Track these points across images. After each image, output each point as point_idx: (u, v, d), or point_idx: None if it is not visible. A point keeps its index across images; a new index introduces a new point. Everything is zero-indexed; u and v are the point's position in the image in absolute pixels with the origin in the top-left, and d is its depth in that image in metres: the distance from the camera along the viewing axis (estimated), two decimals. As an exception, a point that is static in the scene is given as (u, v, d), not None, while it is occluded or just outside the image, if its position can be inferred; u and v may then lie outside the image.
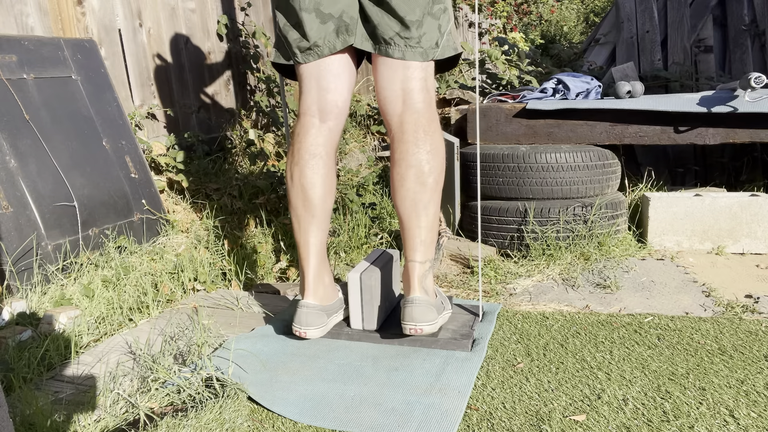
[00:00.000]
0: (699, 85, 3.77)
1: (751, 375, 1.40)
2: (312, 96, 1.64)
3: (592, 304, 1.91)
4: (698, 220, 2.38)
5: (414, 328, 1.52)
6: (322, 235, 1.68)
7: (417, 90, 1.59)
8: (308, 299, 1.64)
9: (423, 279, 1.58)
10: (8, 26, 2.29)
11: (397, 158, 1.59)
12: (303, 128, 1.65)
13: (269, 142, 3.28)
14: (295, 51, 1.60)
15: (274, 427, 1.26)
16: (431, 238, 1.61)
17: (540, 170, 2.36)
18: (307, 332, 1.61)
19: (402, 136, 1.59)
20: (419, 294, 1.55)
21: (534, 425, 1.23)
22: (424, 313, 1.53)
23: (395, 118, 1.60)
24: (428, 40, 1.56)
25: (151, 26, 2.93)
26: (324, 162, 1.64)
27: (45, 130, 2.13)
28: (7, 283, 1.87)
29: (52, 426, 1.20)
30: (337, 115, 1.65)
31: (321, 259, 1.68)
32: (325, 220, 1.67)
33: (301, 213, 1.65)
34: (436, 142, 1.59)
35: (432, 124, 1.60)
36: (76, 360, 1.54)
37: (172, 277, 2.09)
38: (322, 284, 1.68)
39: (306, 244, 1.66)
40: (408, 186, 1.58)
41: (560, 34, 9.00)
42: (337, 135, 1.68)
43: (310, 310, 1.62)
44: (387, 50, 1.56)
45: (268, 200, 2.79)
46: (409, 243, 1.60)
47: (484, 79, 3.78)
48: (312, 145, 1.63)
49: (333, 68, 1.61)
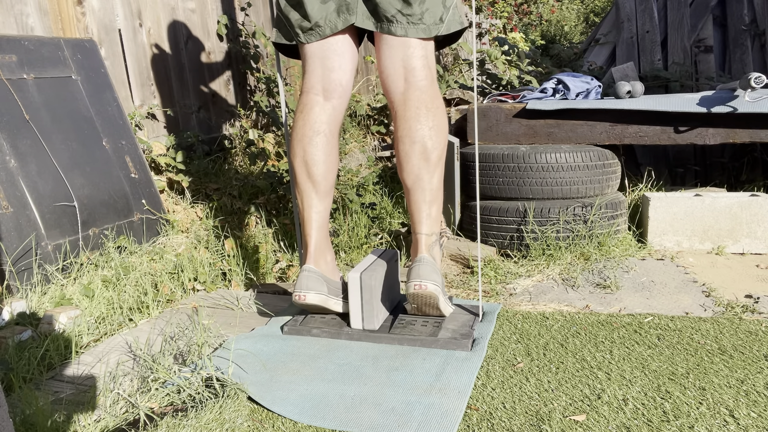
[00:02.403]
0: (699, 85, 3.77)
1: (751, 375, 1.40)
2: (316, 75, 1.64)
3: (592, 304, 1.91)
4: (698, 220, 2.38)
5: (419, 284, 1.53)
6: (325, 211, 1.70)
7: (419, 68, 1.59)
8: (310, 264, 1.65)
9: (430, 248, 1.60)
10: (8, 26, 2.29)
11: (401, 135, 1.61)
12: (306, 106, 1.66)
13: (269, 142, 3.28)
14: (297, 31, 1.61)
15: (274, 427, 1.26)
16: (436, 212, 1.64)
17: (540, 170, 2.36)
18: (306, 296, 1.61)
19: (405, 113, 1.60)
20: (426, 255, 1.57)
21: (534, 425, 1.23)
22: (429, 272, 1.54)
23: (398, 95, 1.61)
24: (431, 16, 1.56)
25: (151, 26, 2.93)
26: (327, 139, 1.65)
27: (45, 130, 2.13)
28: (7, 283, 1.87)
29: (52, 426, 1.20)
30: (341, 94, 1.66)
31: (323, 234, 1.70)
32: (328, 195, 1.70)
33: (303, 189, 1.68)
34: (438, 118, 1.61)
35: (435, 100, 1.61)
36: (76, 360, 1.54)
37: (172, 277, 2.09)
38: (324, 259, 1.70)
39: (309, 220, 1.68)
40: (413, 162, 1.60)
41: (560, 34, 9.00)
42: (341, 114, 1.69)
43: (311, 275, 1.63)
44: (389, 28, 1.56)
45: (268, 200, 2.79)
46: (416, 217, 1.63)
47: (484, 79, 3.78)
48: (316, 123, 1.64)
49: (337, 47, 1.62)
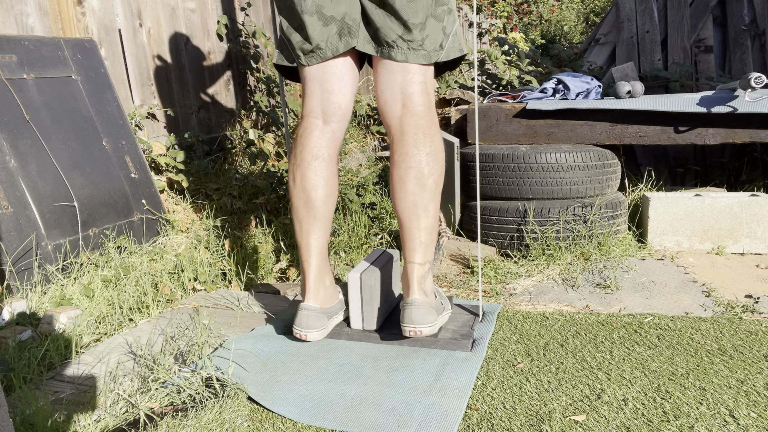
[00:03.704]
0: (699, 85, 3.77)
1: (751, 375, 1.40)
2: (315, 98, 1.63)
3: (592, 304, 1.91)
4: (698, 220, 2.38)
5: (413, 330, 1.52)
6: (324, 236, 1.67)
7: (417, 93, 1.58)
8: (309, 302, 1.63)
9: (422, 280, 1.58)
10: (8, 26, 2.29)
11: (397, 160, 1.59)
12: (306, 130, 1.64)
13: (269, 142, 3.28)
14: (298, 53, 1.60)
15: (274, 427, 1.26)
16: (431, 240, 1.61)
17: (540, 170, 2.36)
18: (307, 335, 1.61)
19: (402, 138, 1.58)
20: (418, 296, 1.55)
21: (534, 425, 1.23)
22: (423, 315, 1.52)
23: (395, 120, 1.60)
24: (431, 43, 1.56)
25: (151, 26, 2.93)
26: (326, 164, 1.63)
27: (45, 130, 2.13)
28: (7, 283, 1.87)
29: (52, 426, 1.20)
30: (340, 118, 1.65)
31: (322, 260, 1.68)
32: (327, 221, 1.67)
33: (302, 215, 1.65)
34: (435, 144, 1.59)
35: (432, 126, 1.60)
36: (76, 360, 1.54)
37: (172, 277, 2.09)
38: (323, 287, 1.68)
39: (307, 246, 1.65)
40: (408, 188, 1.57)
41: (560, 34, 9.00)
42: (340, 137, 1.68)
43: (311, 313, 1.62)
44: (389, 53, 1.55)
45: (268, 200, 2.79)
46: (409, 244, 1.59)
47: (484, 79, 3.78)
48: (315, 147, 1.63)
49: (336, 71, 1.61)
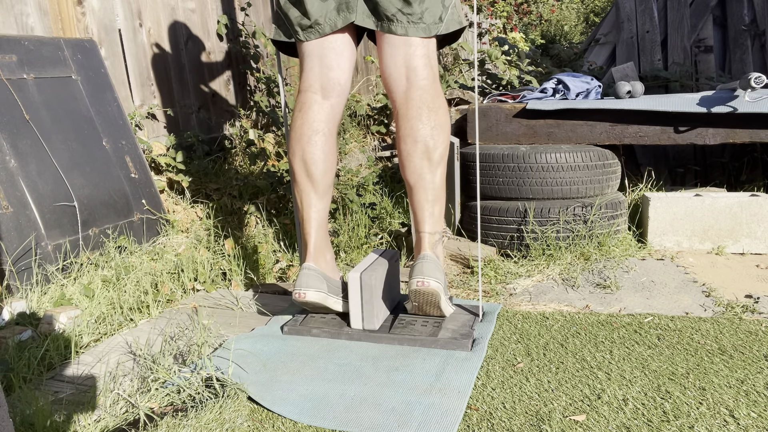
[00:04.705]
0: (699, 85, 3.77)
1: (751, 375, 1.40)
2: (314, 73, 1.64)
3: (592, 304, 1.91)
4: (698, 220, 2.38)
5: (422, 281, 1.52)
6: (324, 209, 1.71)
7: (421, 67, 1.59)
8: (310, 262, 1.65)
9: (433, 246, 1.60)
10: (8, 26, 2.29)
11: (403, 134, 1.61)
12: (305, 104, 1.65)
13: (269, 142, 3.28)
14: (296, 29, 1.61)
15: (274, 427, 1.26)
16: (439, 211, 1.64)
17: (540, 170, 2.36)
18: (306, 293, 1.61)
19: (407, 113, 1.60)
20: (430, 252, 1.57)
21: (534, 425, 1.23)
22: (432, 270, 1.54)
23: (400, 95, 1.61)
24: (431, 15, 1.56)
25: (151, 26, 2.93)
26: (326, 138, 1.65)
27: (45, 130, 2.13)
28: (7, 283, 1.87)
29: (52, 426, 1.20)
30: (339, 93, 1.66)
31: (322, 233, 1.71)
32: (327, 194, 1.70)
33: (303, 188, 1.68)
34: (440, 117, 1.61)
35: (437, 100, 1.61)
36: (76, 360, 1.54)
37: (172, 277, 2.09)
38: (323, 258, 1.70)
39: (308, 218, 1.68)
40: (415, 161, 1.60)
41: (560, 34, 9.00)
42: (339, 113, 1.69)
43: (311, 272, 1.63)
44: (390, 27, 1.56)
45: (268, 200, 2.79)
46: (419, 215, 1.63)
47: (484, 80, 3.78)
48: (314, 121, 1.64)
49: (335, 46, 1.62)
